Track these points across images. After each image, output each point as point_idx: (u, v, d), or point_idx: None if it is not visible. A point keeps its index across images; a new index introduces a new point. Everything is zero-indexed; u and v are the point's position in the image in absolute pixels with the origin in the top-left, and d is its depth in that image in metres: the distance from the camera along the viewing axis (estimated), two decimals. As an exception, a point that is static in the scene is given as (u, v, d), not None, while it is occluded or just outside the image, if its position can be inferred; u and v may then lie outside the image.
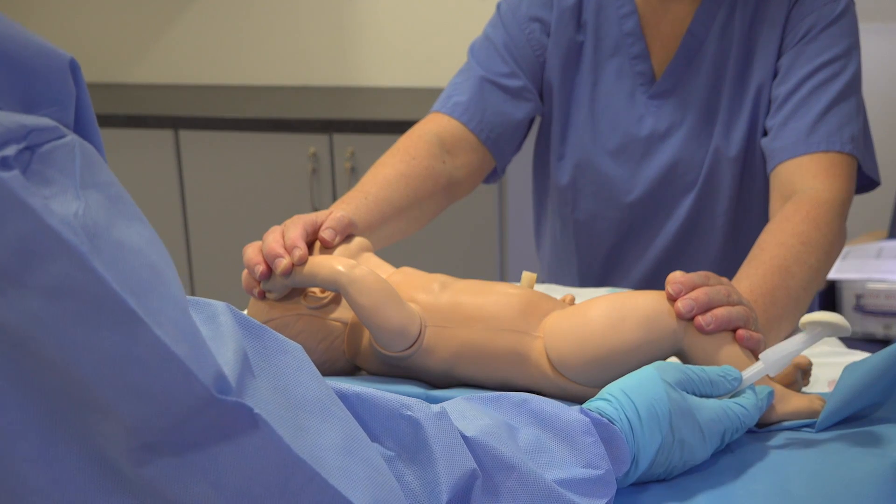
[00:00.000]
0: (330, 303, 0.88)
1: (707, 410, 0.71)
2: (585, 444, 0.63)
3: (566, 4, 1.28)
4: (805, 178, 1.13)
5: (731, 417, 0.72)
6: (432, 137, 1.23)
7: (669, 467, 0.69)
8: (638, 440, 0.66)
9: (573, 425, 0.63)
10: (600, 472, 0.62)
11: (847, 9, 1.21)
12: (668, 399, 0.68)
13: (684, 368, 0.72)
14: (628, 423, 0.66)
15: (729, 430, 0.72)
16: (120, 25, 3.18)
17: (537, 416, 0.64)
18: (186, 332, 0.44)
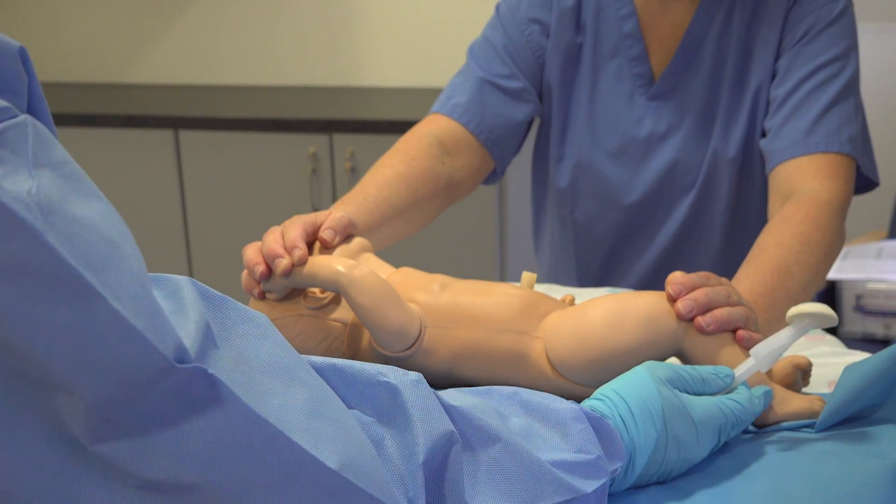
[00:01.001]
0: (330, 303, 0.88)
1: (700, 407, 0.71)
2: (576, 431, 0.62)
3: (565, 6, 1.28)
4: (804, 178, 1.13)
5: (726, 413, 0.72)
6: (432, 138, 1.23)
7: (667, 467, 0.69)
8: (633, 437, 0.66)
9: (564, 413, 0.63)
10: (592, 456, 0.61)
11: (845, 9, 1.21)
12: (660, 396, 0.68)
13: (676, 367, 0.73)
14: (622, 420, 0.66)
15: (725, 427, 0.72)
16: (120, 25, 3.18)
17: (527, 406, 0.64)
18: (145, 305, 0.45)
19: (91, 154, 2.78)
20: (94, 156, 2.78)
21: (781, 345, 0.77)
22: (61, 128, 2.77)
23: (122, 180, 2.78)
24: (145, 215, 2.80)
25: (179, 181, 2.75)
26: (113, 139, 2.75)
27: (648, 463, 0.67)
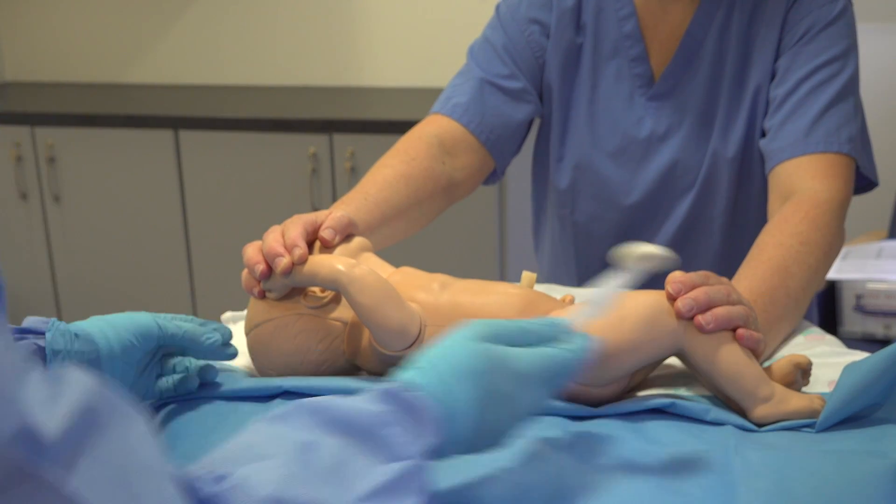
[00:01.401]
0: (330, 302, 0.88)
1: (525, 358, 0.67)
2: (388, 437, 0.58)
3: (565, 6, 1.28)
4: (803, 178, 1.13)
5: (554, 359, 0.69)
6: (432, 139, 1.23)
7: (499, 425, 0.66)
8: (451, 396, 0.62)
9: (371, 420, 0.59)
10: (408, 463, 0.57)
11: (845, 10, 1.21)
12: (476, 353, 0.65)
13: (496, 323, 0.69)
14: (438, 382, 0.63)
15: (556, 374, 0.69)
16: (120, 25, 3.18)
17: (334, 422, 0.59)
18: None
19: (91, 154, 2.78)
20: (94, 156, 2.78)
21: (616, 288, 0.74)
22: (61, 128, 2.77)
23: (122, 180, 2.78)
24: (145, 215, 2.80)
25: (179, 181, 2.75)
26: (113, 139, 2.75)
27: (479, 422, 0.64)
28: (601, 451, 0.75)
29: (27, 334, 0.75)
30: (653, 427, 0.80)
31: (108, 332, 0.78)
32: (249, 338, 0.91)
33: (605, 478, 0.71)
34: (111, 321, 0.79)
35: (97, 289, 2.90)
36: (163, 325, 0.82)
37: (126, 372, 0.80)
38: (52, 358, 0.75)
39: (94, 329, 0.78)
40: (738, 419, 0.81)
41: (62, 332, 0.76)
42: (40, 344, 0.75)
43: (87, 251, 2.87)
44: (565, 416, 0.82)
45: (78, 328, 0.77)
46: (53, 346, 0.75)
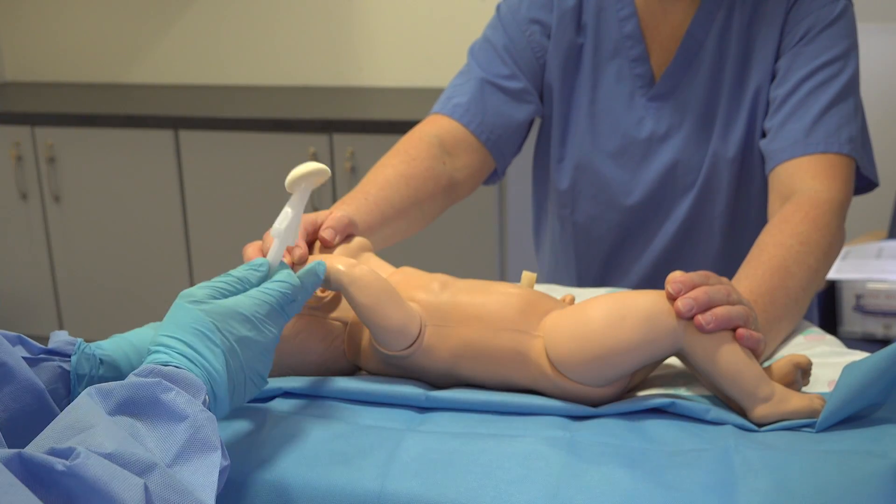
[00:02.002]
0: (330, 302, 0.88)
1: (247, 303, 0.73)
2: (170, 401, 0.62)
3: (566, 6, 1.28)
4: (804, 178, 1.13)
5: (274, 295, 0.75)
6: (433, 139, 1.23)
7: (249, 370, 0.71)
8: (203, 366, 0.67)
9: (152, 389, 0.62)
10: (199, 418, 0.61)
11: (845, 10, 1.21)
12: (204, 314, 0.69)
13: (211, 282, 0.74)
14: (186, 359, 0.67)
15: (281, 306, 0.75)
16: (120, 25, 3.18)
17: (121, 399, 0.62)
18: None
19: (91, 154, 2.78)
20: (94, 156, 2.78)
21: (291, 213, 0.80)
22: (61, 128, 2.77)
23: (122, 180, 2.78)
24: (145, 215, 2.80)
25: (179, 181, 2.75)
26: (113, 139, 2.75)
27: (234, 374, 0.69)
28: (601, 451, 0.75)
29: (53, 356, 0.76)
30: (653, 426, 0.80)
31: (131, 357, 0.80)
32: (250, 338, 0.91)
33: (605, 477, 0.71)
34: (136, 344, 0.81)
35: (97, 289, 2.90)
36: None
37: None
38: (77, 382, 0.76)
39: (119, 353, 0.79)
40: (738, 419, 0.81)
41: (87, 356, 0.77)
42: (65, 367, 0.76)
43: (87, 251, 2.87)
44: (565, 416, 0.82)
45: (103, 353, 0.78)
46: (78, 371, 0.76)
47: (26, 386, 0.71)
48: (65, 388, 0.76)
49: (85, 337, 0.77)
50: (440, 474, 0.72)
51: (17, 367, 0.70)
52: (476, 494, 0.70)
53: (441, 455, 0.75)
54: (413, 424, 0.80)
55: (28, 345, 0.75)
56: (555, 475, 0.72)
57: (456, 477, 0.72)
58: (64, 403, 0.76)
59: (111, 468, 0.54)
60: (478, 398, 0.83)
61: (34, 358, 0.75)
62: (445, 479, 0.72)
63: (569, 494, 0.70)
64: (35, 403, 0.71)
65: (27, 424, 0.70)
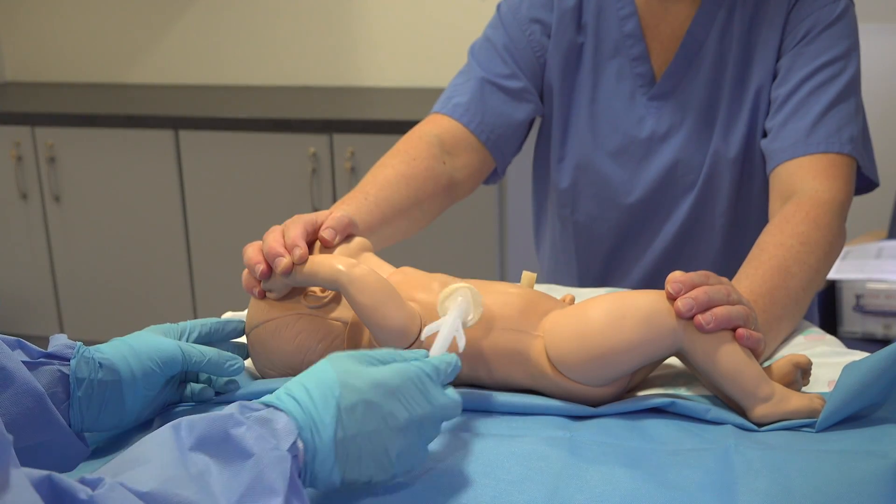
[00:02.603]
0: (330, 302, 0.88)
1: (386, 370, 0.69)
2: (237, 436, 0.60)
3: (566, 6, 1.28)
4: (805, 178, 1.13)
5: (416, 371, 0.69)
6: (433, 138, 1.23)
7: (374, 442, 0.66)
8: (309, 408, 0.64)
9: (223, 422, 0.61)
10: (264, 462, 0.59)
11: (846, 10, 1.21)
12: (332, 369, 0.67)
13: (362, 353, 0.71)
14: (295, 401, 0.65)
15: (420, 380, 0.69)
16: (120, 25, 3.18)
17: (201, 434, 0.61)
18: None
19: (91, 154, 2.78)
20: (94, 156, 2.78)
21: (450, 330, 0.77)
22: (61, 128, 2.77)
23: (122, 180, 2.78)
24: (145, 215, 2.80)
25: (179, 181, 2.75)
26: (113, 139, 2.75)
27: (349, 434, 0.65)
28: (601, 451, 0.76)
29: (52, 360, 0.76)
30: (653, 426, 0.80)
31: (130, 361, 0.80)
32: (250, 338, 0.91)
33: (605, 477, 0.72)
34: (136, 348, 0.80)
35: (97, 289, 2.90)
36: (187, 353, 0.83)
37: (146, 395, 0.81)
38: (76, 385, 0.76)
39: (118, 356, 0.79)
40: (737, 419, 0.81)
41: (87, 360, 0.77)
42: (64, 371, 0.76)
43: (87, 251, 2.87)
44: (565, 416, 0.82)
45: (102, 356, 0.78)
46: (78, 374, 0.77)
47: (26, 390, 0.71)
48: (64, 391, 0.76)
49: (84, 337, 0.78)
50: (440, 474, 0.72)
51: (16, 370, 0.70)
52: (476, 494, 0.70)
53: (441, 455, 0.75)
54: (413, 424, 0.80)
55: (27, 349, 0.75)
56: (555, 475, 0.72)
57: (456, 476, 0.72)
58: (63, 407, 0.76)
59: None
60: (478, 398, 0.83)
61: (33, 362, 0.75)
62: (445, 479, 0.72)
63: (569, 494, 0.70)
64: (35, 407, 0.72)
65: (27, 428, 0.70)
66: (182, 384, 0.88)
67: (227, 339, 0.93)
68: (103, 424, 0.79)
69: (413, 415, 0.68)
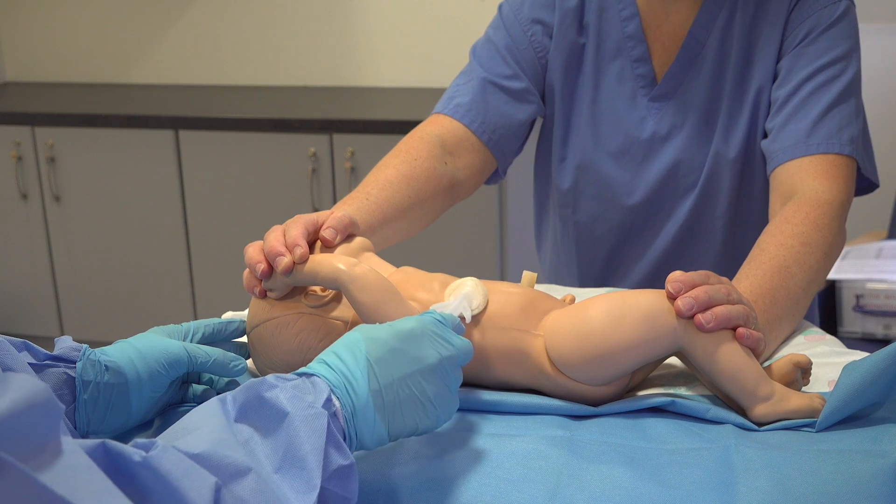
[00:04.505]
0: (331, 301, 0.88)
1: (405, 321, 0.73)
2: (272, 398, 0.62)
3: (568, 6, 1.28)
4: (805, 179, 1.13)
5: (428, 320, 0.74)
6: (434, 139, 1.23)
7: (411, 386, 0.69)
8: (339, 367, 0.67)
9: (257, 386, 0.63)
10: (289, 418, 0.62)
11: (847, 11, 1.21)
12: (355, 331, 0.70)
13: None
14: (323, 363, 0.68)
15: (433, 326, 0.73)
16: (120, 25, 3.18)
17: (243, 401, 0.63)
18: None
19: (91, 154, 2.78)
20: (94, 156, 2.78)
21: (457, 306, 0.81)
22: (61, 128, 2.77)
23: (122, 180, 2.78)
24: (145, 215, 2.80)
25: (179, 181, 2.75)
26: (113, 139, 2.75)
27: (383, 384, 0.67)
28: (601, 450, 0.76)
29: (59, 362, 0.76)
30: (653, 425, 0.80)
31: (136, 363, 0.80)
32: (251, 337, 0.91)
33: (605, 476, 0.72)
34: (141, 350, 0.81)
35: (97, 289, 2.90)
36: (192, 354, 0.83)
37: (151, 397, 0.81)
38: (82, 388, 0.77)
39: (123, 359, 0.80)
40: (738, 418, 0.81)
41: (93, 362, 0.77)
42: (70, 374, 0.77)
43: (87, 251, 2.87)
44: (565, 416, 0.82)
45: (108, 359, 0.78)
46: (84, 377, 0.77)
47: None
48: (70, 393, 0.76)
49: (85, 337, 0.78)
50: (440, 473, 0.72)
51: (22, 372, 0.71)
52: (476, 494, 0.70)
53: (441, 454, 0.75)
54: (414, 423, 0.80)
55: (34, 351, 0.75)
56: (555, 474, 0.72)
57: (456, 476, 0.72)
58: (69, 409, 0.76)
59: (186, 465, 0.55)
60: (478, 398, 0.83)
61: (40, 364, 0.75)
62: (446, 478, 0.72)
63: (569, 493, 0.70)
64: None
65: None
66: (184, 385, 0.88)
67: (229, 339, 0.93)
68: (109, 426, 0.79)
69: (441, 354, 0.71)
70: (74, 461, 0.49)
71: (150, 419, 0.85)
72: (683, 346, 0.81)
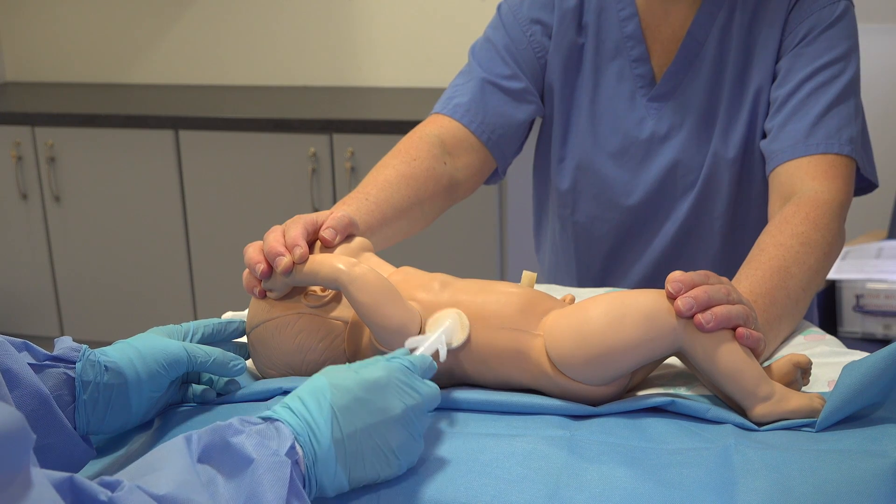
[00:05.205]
0: (330, 301, 0.88)
1: (371, 367, 0.72)
2: (237, 444, 0.62)
3: (567, 6, 1.28)
4: (804, 179, 1.13)
5: (396, 365, 0.73)
6: (433, 139, 1.23)
7: (374, 438, 0.69)
8: (303, 414, 0.67)
9: (224, 431, 0.63)
10: (254, 464, 0.61)
11: (846, 11, 1.21)
12: (323, 376, 0.70)
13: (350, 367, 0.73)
14: (287, 409, 0.67)
15: (400, 374, 0.72)
16: (120, 25, 3.18)
17: (207, 444, 0.63)
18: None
19: (91, 154, 2.78)
20: (94, 156, 2.78)
21: (433, 343, 0.80)
22: (61, 128, 2.77)
23: (122, 180, 2.78)
24: (145, 215, 2.80)
25: (179, 181, 2.75)
26: (113, 139, 2.75)
27: (346, 434, 0.67)
28: (601, 450, 0.76)
29: (58, 362, 0.77)
30: (652, 425, 0.80)
31: (136, 363, 0.80)
32: (250, 337, 0.91)
33: (605, 476, 0.72)
34: (141, 350, 0.81)
35: (97, 289, 2.90)
36: (192, 354, 0.83)
37: (151, 397, 0.81)
38: (82, 388, 0.77)
39: (123, 359, 0.79)
40: (737, 418, 0.81)
41: (92, 363, 0.77)
42: (70, 374, 0.77)
43: (87, 251, 2.87)
44: (565, 416, 0.82)
45: (107, 359, 0.78)
46: (83, 378, 0.77)
47: (31, 392, 0.71)
48: (70, 394, 0.76)
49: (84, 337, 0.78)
50: (440, 473, 0.72)
51: (22, 373, 0.71)
52: (476, 494, 0.70)
53: (441, 454, 0.75)
54: (413, 424, 0.80)
55: (33, 351, 0.75)
56: (554, 474, 0.72)
57: (456, 476, 0.72)
58: (69, 410, 0.76)
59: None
60: (478, 398, 0.83)
61: (39, 364, 0.75)
62: (445, 479, 0.72)
63: (568, 494, 0.70)
64: (40, 409, 0.72)
65: (32, 430, 0.71)
66: (184, 385, 0.88)
67: (228, 340, 0.93)
68: (109, 427, 0.79)
69: (405, 404, 0.71)
70: (43, 495, 0.49)
71: (150, 419, 0.85)
72: (683, 346, 0.81)
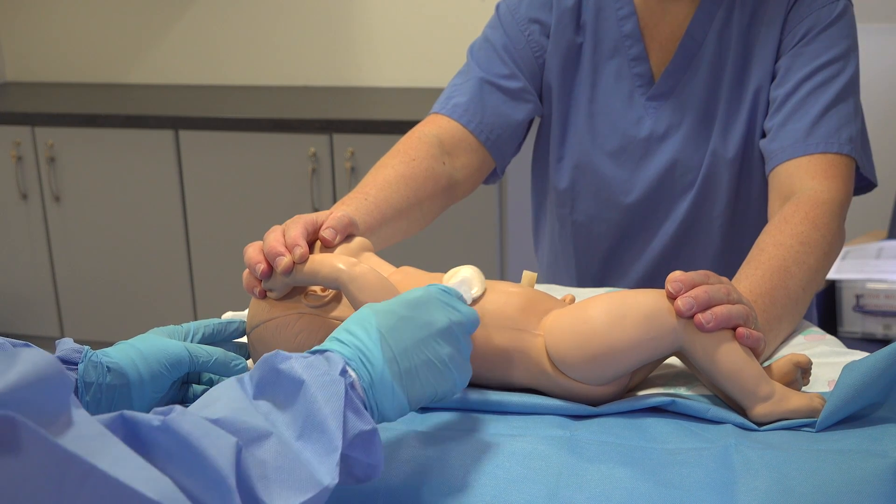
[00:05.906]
0: (331, 301, 0.88)
1: (412, 292, 0.74)
2: (286, 369, 0.63)
3: (565, 6, 1.29)
4: (804, 179, 1.13)
5: (437, 287, 0.75)
6: (432, 139, 1.23)
7: (424, 351, 0.70)
8: (352, 341, 0.68)
9: (273, 359, 0.64)
10: (304, 386, 0.62)
11: (845, 10, 1.21)
12: (366, 308, 0.71)
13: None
14: (336, 340, 0.68)
15: (439, 293, 0.74)
16: (120, 25, 3.18)
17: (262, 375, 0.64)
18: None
19: (91, 154, 2.78)
20: (94, 156, 2.78)
21: (457, 284, 0.83)
22: (61, 128, 2.77)
23: (122, 180, 2.78)
24: (145, 215, 2.80)
25: (179, 181, 2.76)
26: (113, 139, 2.75)
27: (397, 352, 0.68)
28: (601, 450, 0.76)
29: None
30: (652, 425, 0.80)
31: (138, 364, 0.80)
32: (251, 337, 0.91)
33: (605, 476, 0.72)
34: (143, 351, 0.81)
35: (97, 289, 2.90)
36: (194, 354, 0.83)
37: (153, 398, 0.82)
38: (85, 389, 0.77)
39: (125, 360, 0.80)
40: (737, 418, 0.81)
41: (94, 364, 0.78)
42: (72, 375, 0.77)
43: (87, 251, 2.87)
44: (565, 416, 0.82)
45: (110, 360, 0.79)
46: (86, 379, 0.77)
47: None
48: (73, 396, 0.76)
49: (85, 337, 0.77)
50: (440, 473, 0.72)
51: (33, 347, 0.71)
52: (476, 494, 0.70)
53: (441, 454, 0.75)
54: (413, 424, 0.80)
55: None
56: (555, 474, 0.72)
57: (456, 476, 0.72)
58: None
59: (205, 426, 0.56)
60: (478, 398, 0.83)
61: None
62: (445, 479, 0.72)
63: (569, 494, 0.70)
64: None
65: None
66: (184, 385, 0.88)
67: (229, 340, 0.93)
68: None
69: (450, 318, 0.73)
70: (87, 430, 0.50)
71: None
72: (683, 345, 0.81)
